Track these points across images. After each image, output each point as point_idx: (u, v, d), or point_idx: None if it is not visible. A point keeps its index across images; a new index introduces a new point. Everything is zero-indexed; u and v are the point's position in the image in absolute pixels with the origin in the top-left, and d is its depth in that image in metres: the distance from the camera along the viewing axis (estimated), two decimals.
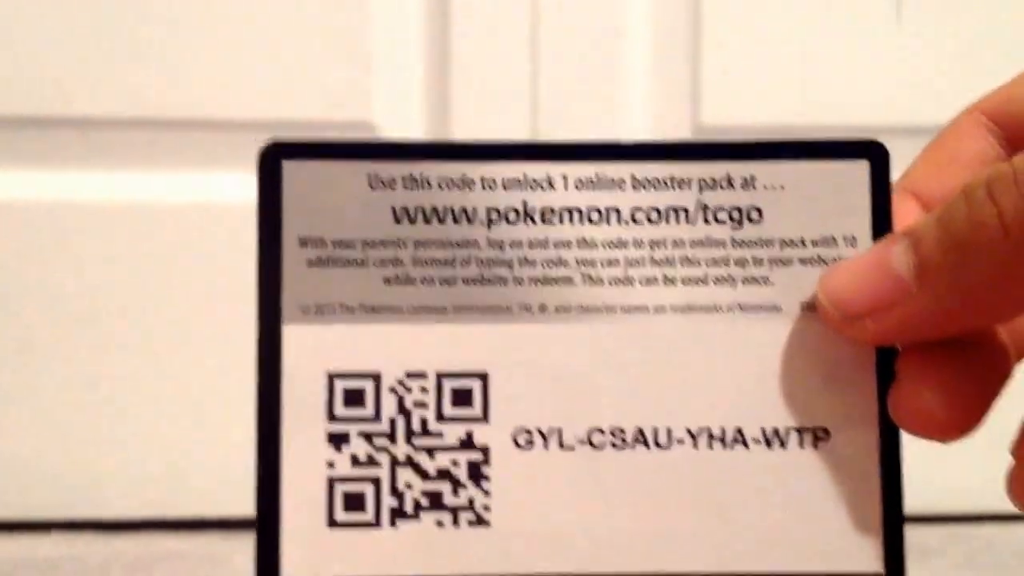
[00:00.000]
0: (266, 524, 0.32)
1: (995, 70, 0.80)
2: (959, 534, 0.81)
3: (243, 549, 0.77)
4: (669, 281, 0.32)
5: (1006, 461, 0.31)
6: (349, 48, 0.80)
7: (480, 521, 0.32)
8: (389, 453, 0.32)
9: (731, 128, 0.82)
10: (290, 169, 0.33)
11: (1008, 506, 0.32)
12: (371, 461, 0.32)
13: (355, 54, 0.80)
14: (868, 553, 0.32)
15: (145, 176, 0.80)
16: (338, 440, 0.32)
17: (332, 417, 0.32)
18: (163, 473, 0.81)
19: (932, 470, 0.87)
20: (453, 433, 0.32)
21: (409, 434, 0.32)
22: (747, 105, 0.82)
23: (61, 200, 0.80)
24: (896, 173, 0.33)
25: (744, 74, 0.82)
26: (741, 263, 0.33)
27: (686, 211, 0.33)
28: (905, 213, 0.34)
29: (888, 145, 0.33)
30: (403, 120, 0.81)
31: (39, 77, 0.79)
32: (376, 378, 0.32)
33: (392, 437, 0.32)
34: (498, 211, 0.32)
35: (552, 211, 0.33)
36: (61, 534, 0.80)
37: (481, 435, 0.32)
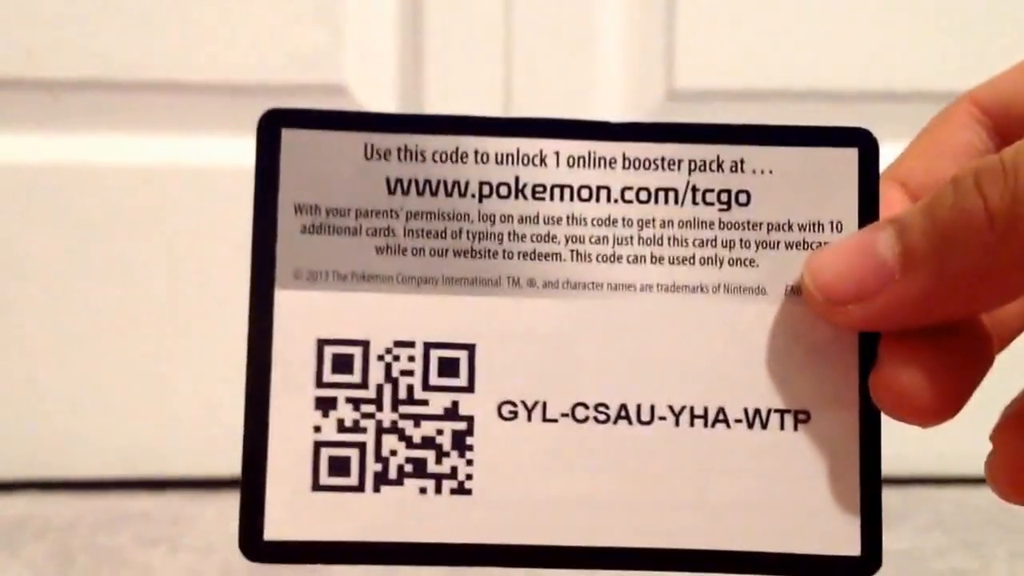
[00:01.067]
0: (251, 485, 0.33)
1: (977, 34, 0.81)
2: (926, 496, 0.81)
3: (211, 509, 0.77)
4: (656, 260, 0.33)
5: (973, 424, 0.32)
6: (321, 10, 0.80)
7: (462, 490, 0.32)
8: (375, 419, 0.33)
9: (705, 92, 0.82)
10: (289, 137, 0.33)
11: (975, 469, 0.33)
12: (357, 427, 0.33)
13: (327, 16, 0.80)
14: (846, 535, 0.33)
15: (112, 139, 0.80)
16: (325, 405, 0.33)
17: (320, 383, 0.33)
18: (130, 433, 0.81)
19: (896, 433, 0.87)
20: (438, 402, 0.33)
21: (396, 402, 0.33)
22: (722, 69, 0.82)
23: (32, 163, 0.79)
24: (882, 145, 0.33)
25: (719, 38, 0.82)
26: (728, 245, 0.33)
27: (675, 192, 0.33)
28: (892, 201, 0.34)
29: (866, 109, 0.34)
30: (375, 83, 0.81)
31: (7, 39, 0.78)
32: (365, 345, 0.33)
33: (379, 404, 0.33)
34: (490, 185, 0.33)
35: (543, 187, 0.33)
36: (27, 493, 0.80)
37: (466, 405, 0.33)
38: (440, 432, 0.33)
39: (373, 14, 0.81)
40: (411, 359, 0.33)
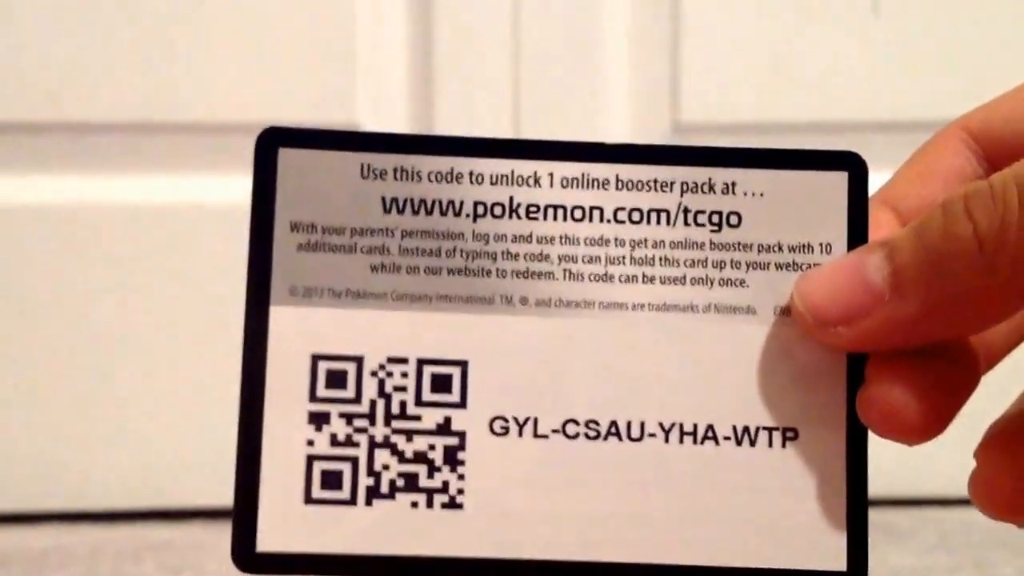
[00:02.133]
0: (244, 499, 0.33)
1: (972, 65, 0.81)
2: (929, 517, 0.81)
3: (229, 537, 0.77)
4: (648, 280, 0.33)
5: (974, 444, 0.32)
6: (333, 51, 0.81)
7: (453, 504, 0.33)
8: (368, 434, 0.33)
9: (710, 125, 0.83)
10: (286, 156, 0.33)
11: None
12: (350, 441, 0.33)
13: (339, 57, 0.81)
14: (832, 551, 0.33)
15: (130, 179, 0.81)
16: (319, 420, 0.33)
17: (314, 398, 0.33)
18: (151, 464, 0.81)
19: (900, 453, 0.87)
20: (431, 417, 0.33)
21: (388, 417, 0.33)
22: (726, 102, 0.83)
23: (52, 203, 0.81)
24: (874, 171, 0.34)
25: (723, 71, 0.82)
26: (719, 265, 0.33)
27: (667, 213, 0.33)
28: (882, 224, 0.34)
29: (867, 140, 0.34)
30: (388, 122, 0.82)
31: (30, 82, 0.80)
32: (359, 361, 0.33)
33: (372, 419, 0.33)
34: (485, 205, 0.33)
35: (537, 207, 0.33)
36: (50, 525, 0.81)
37: (458, 421, 0.33)
38: (432, 447, 0.33)
39: (385, 55, 0.82)
40: (404, 375, 0.33)
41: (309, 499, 0.33)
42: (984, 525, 0.77)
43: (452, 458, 0.33)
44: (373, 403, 0.33)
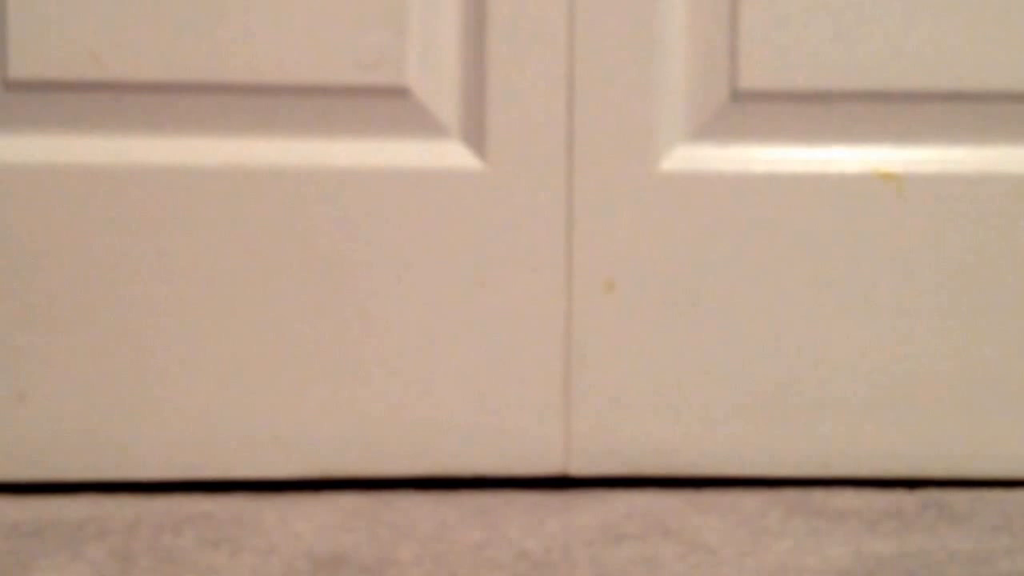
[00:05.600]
0: None
1: None
2: (988, 498, 0.80)
3: (272, 510, 0.77)
4: None
5: None
6: (384, 11, 0.80)
7: None
8: None
9: (770, 92, 0.81)
10: None
11: None
12: None
13: (390, 18, 0.80)
14: None
15: (170, 141, 0.80)
16: None
17: None
18: (192, 434, 0.81)
19: (958, 432, 0.87)
20: None
21: None
22: (787, 68, 0.81)
23: (93, 164, 0.80)
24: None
25: (784, 36, 0.81)
26: None
27: None
28: None
29: (933, 110, 0.32)
30: (437, 84, 0.81)
31: (67, 40, 0.79)
32: None
33: None
34: None
35: None
36: (89, 495, 0.80)
37: None
38: None
39: (437, 15, 0.80)
40: None
41: None
42: None
43: None
44: None
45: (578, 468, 0.82)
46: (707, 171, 0.81)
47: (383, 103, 0.80)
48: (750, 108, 0.81)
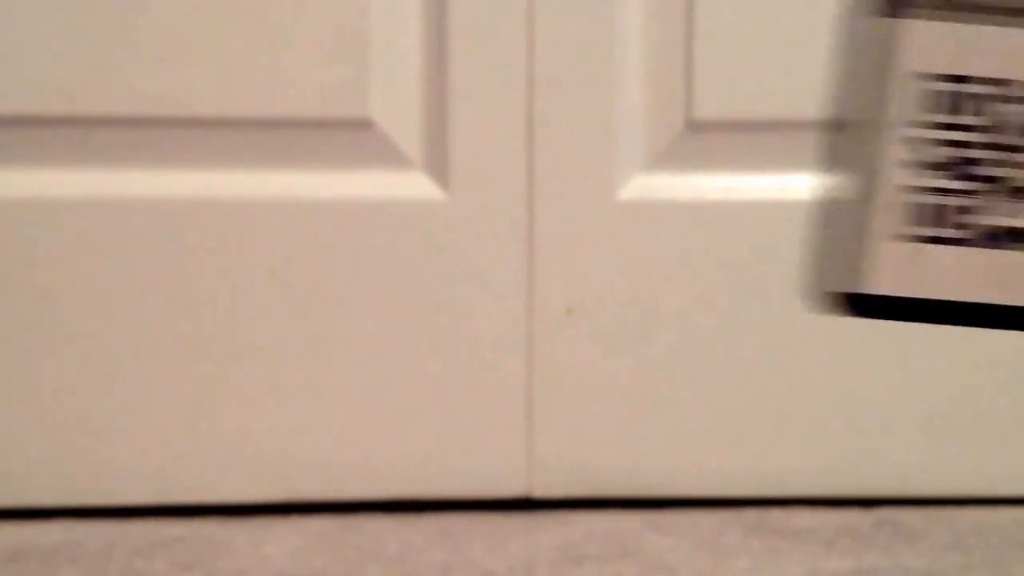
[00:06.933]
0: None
1: None
2: (941, 516, 0.80)
3: (244, 534, 0.78)
4: None
5: (992, 445, 0.32)
6: (346, 45, 0.81)
7: None
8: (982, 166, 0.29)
9: (725, 122, 0.83)
10: None
11: (995, 490, 0.32)
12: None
13: (352, 51, 0.81)
14: None
15: (137, 174, 0.81)
16: (922, 144, 0.29)
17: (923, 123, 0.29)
18: (164, 459, 0.82)
19: (913, 452, 0.87)
20: None
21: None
22: (741, 99, 0.82)
23: (62, 197, 0.81)
24: None
25: (738, 67, 0.82)
26: None
27: None
28: None
29: None
30: (400, 117, 0.82)
31: (38, 76, 0.80)
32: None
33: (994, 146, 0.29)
34: None
35: None
36: (62, 520, 0.81)
37: None
38: None
39: (399, 48, 0.82)
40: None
41: (915, 237, 0.29)
42: (998, 526, 0.77)
43: None
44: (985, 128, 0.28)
45: (541, 490, 0.83)
46: (663, 199, 0.83)
47: (347, 135, 0.81)
48: (705, 138, 0.82)
